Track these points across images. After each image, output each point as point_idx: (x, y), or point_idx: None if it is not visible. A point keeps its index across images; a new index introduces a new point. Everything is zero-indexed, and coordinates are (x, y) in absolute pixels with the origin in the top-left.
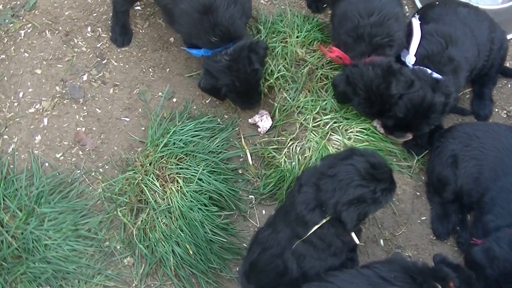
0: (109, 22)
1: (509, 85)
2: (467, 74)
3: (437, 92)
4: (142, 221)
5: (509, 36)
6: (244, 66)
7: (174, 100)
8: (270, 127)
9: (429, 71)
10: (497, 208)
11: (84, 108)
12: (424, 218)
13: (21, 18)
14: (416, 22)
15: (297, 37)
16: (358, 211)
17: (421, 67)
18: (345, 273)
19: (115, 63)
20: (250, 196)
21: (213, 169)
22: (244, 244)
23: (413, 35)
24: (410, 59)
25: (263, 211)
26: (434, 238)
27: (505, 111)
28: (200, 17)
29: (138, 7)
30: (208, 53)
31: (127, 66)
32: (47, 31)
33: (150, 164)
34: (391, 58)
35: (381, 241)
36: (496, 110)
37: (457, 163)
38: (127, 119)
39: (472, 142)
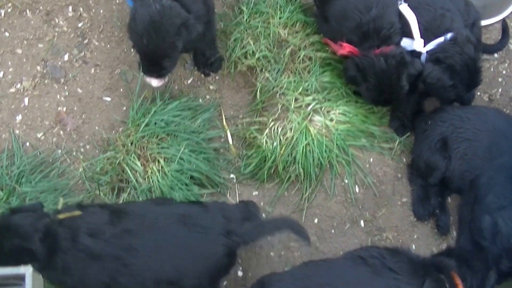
0: (90, 2)
1: (491, 69)
2: None
3: None
4: (123, 200)
5: (490, 21)
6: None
7: None
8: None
9: None
10: (497, 188)
11: (65, 88)
12: (405, 200)
13: None
14: (405, 7)
15: (280, 18)
16: None
17: None
18: (348, 259)
19: (97, 43)
20: (231, 176)
21: (194, 149)
22: None
23: (409, 21)
24: (419, 44)
25: (244, 191)
26: (415, 220)
27: (487, 95)
28: None
29: None
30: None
31: (108, 46)
32: (27, 10)
33: (131, 144)
34: (403, 49)
35: (362, 222)
36: (479, 93)
37: (446, 147)
38: (109, 99)
39: (465, 124)
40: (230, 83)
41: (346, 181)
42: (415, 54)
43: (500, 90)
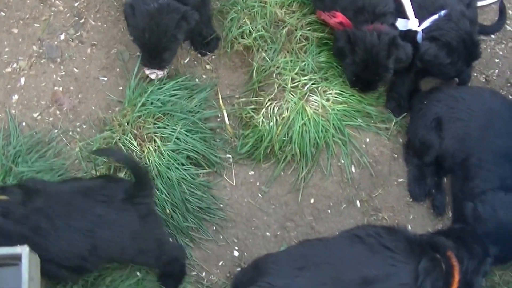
0: None
1: (488, 50)
2: None
3: None
4: None
5: (487, 2)
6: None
7: None
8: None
9: None
10: (484, 172)
11: (62, 67)
12: (401, 180)
13: None
14: None
15: None
16: None
17: None
18: (345, 238)
19: (93, 23)
20: (227, 155)
21: (191, 129)
22: (220, 204)
23: (403, 0)
24: (413, 23)
25: (240, 171)
26: (411, 200)
27: (484, 76)
28: None
29: None
30: None
31: (105, 25)
32: None
33: (127, 124)
34: (397, 32)
35: (358, 202)
36: (475, 74)
37: (441, 126)
38: (105, 79)
39: (458, 104)
40: (226, 62)
41: (343, 161)
42: (411, 33)
43: (496, 71)
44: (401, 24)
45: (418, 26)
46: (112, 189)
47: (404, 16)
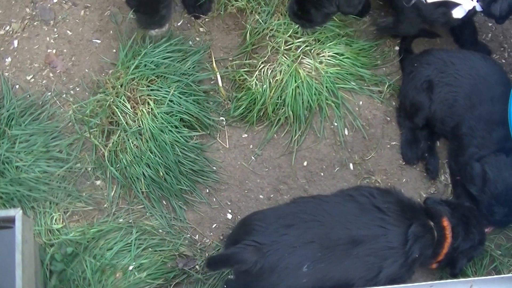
0: None
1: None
2: None
3: None
4: (113, 143)
5: None
6: None
7: None
8: None
9: None
10: (478, 139)
11: (55, 30)
12: (394, 143)
13: None
14: None
15: None
16: None
17: None
18: (338, 196)
19: None
20: (221, 118)
21: (184, 91)
22: (213, 167)
23: None
24: (468, 4)
25: (234, 133)
26: (403, 163)
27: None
28: None
29: None
30: None
31: None
32: None
33: (121, 86)
34: None
35: (351, 165)
36: None
37: (432, 88)
38: (98, 41)
39: (448, 69)
40: (220, 25)
41: (336, 124)
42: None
43: (490, 35)
44: (459, 12)
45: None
46: None
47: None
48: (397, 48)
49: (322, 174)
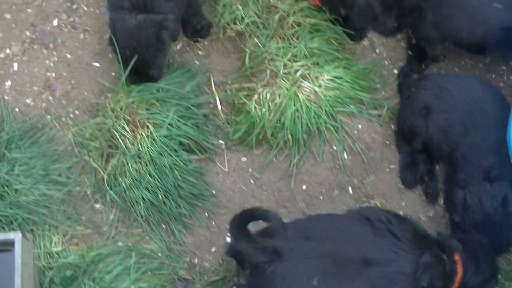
0: None
1: None
2: None
3: None
4: (112, 166)
5: None
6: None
7: None
8: None
9: None
10: (468, 166)
11: (54, 53)
12: (393, 166)
13: None
14: None
15: None
16: None
17: None
18: (354, 217)
19: (85, 8)
20: (220, 141)
21: (183, 114)
22: (213, 190)
23: None
24: None
25: (233, 157)
26: (403, 187)
27: None
28: None
29: None
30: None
31: (97, 11)
32: None
33: (120, 109)
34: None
35: (350, 188)
36: None
37: (429, 115)
38: (98, 65)
39: (443, 95)
40: (219, 48)
41: (335, 147)
42: None
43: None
44: None
45: None
46: None
47: None
48: (396, 71)
49: (321, 197)
